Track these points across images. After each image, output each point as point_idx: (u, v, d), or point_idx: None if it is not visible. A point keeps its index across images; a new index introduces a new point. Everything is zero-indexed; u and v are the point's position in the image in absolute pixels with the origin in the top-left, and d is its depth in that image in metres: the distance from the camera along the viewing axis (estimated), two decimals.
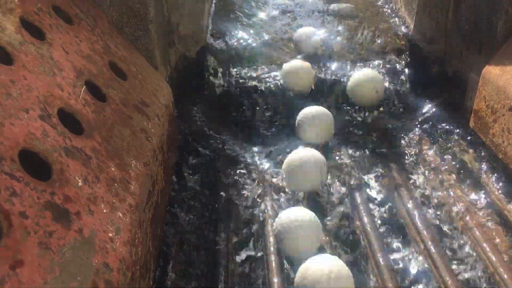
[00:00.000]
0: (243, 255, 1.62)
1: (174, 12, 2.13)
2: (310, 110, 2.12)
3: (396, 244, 1.67)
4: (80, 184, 0.99)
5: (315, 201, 1.83)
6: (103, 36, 1.56)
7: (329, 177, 1.92)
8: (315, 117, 2.09)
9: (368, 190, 1.89)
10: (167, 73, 2.09)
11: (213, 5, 2.85)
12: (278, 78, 2.35)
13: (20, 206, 0.81)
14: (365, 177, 1.97)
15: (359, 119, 2.36)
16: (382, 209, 1.81)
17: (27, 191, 0.84)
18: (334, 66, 2.45)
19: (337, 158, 2.07)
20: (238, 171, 1.94)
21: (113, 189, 1.09)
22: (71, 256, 0.85)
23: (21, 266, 0.76)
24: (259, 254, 1.61)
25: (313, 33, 2.57)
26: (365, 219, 1.72)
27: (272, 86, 2.33)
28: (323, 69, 2.43)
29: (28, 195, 0.84)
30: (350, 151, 2.13)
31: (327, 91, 2.39)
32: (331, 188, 1.88)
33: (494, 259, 1.56)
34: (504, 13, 1.83)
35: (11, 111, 0.94)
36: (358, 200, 1.82)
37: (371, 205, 1.82)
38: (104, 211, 1.02)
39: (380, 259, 1.56)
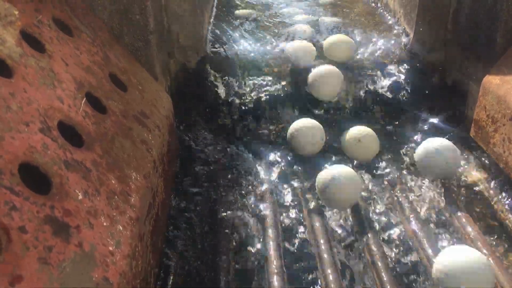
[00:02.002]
0: (244, 265, 1.61)
1: (174, 23, 2.14)
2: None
3: None
4: (80, 197, 0.98)
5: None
6: (103, 47, 1.56)
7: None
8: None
9: (370, 202, 1.89)
10: (167, 83, 2.09)
11: (213, 15, 2.86)
12: (278, 88, 2.35)
13: (19, 221, 0.81)
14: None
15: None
16: (383, 222, 1.80)
17: (26, 205, 0.84)
18: None
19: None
20: (237, 182, 1.94)
21: (113, 202, 1.09)
22: (71, 270, 0.84)
23: (20, 281, 0.75)
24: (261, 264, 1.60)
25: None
26: (369, 234, 1.71)
27: (272, 96, 2.34)
28: None
29: (28, 209, 0.83)
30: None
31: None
32: None
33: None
34: (503, 23, 1.84)
35: (11, 124, 0.94)
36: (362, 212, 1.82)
37: (375, 217, 1.81)
38: (104, 224, 1.01)
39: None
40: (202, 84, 2.34)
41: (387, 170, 2.07)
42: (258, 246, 1.65)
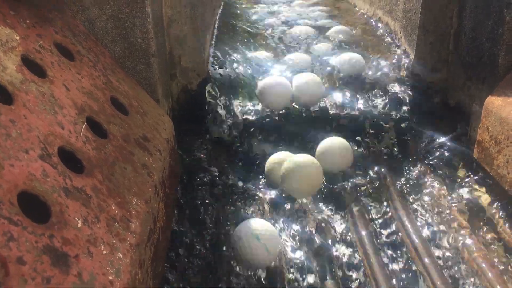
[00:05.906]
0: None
1: (176, 46, 2.15)
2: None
3: None
4: (79, 225, 0.97)
5: None
6: (105, 71, 1.56)
7: None
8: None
9: (372, 224, 1.87)
10: (168, 106, 2.09)
11: (215, 37, 2.87)
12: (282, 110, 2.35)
13: (17, 251, 0.79)
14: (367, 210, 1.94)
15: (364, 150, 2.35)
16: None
17: (24, 235, 0.82)
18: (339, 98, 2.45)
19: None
20: (240, 205, 1.92)
21: (113, 229, 1.07)
22: None
23: None
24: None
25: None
26: (371, 258, 1.69)
27: (274, 117, 2.33)
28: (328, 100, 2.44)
29: (26, 240, 0.82)
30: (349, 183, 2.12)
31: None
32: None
33: None
34: (504, 46, 1.84)
35: (11, 152, 0.93)
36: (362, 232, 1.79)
37: (377, 241, 1.79)
38: (104, 252, 0.99)
39: None
40: (204, 105, 2.34)
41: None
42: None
